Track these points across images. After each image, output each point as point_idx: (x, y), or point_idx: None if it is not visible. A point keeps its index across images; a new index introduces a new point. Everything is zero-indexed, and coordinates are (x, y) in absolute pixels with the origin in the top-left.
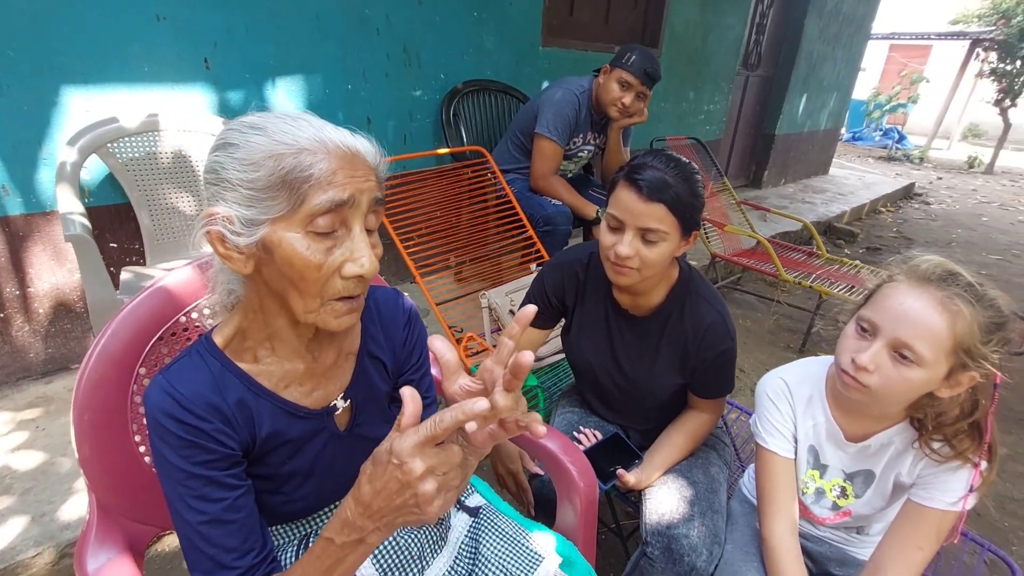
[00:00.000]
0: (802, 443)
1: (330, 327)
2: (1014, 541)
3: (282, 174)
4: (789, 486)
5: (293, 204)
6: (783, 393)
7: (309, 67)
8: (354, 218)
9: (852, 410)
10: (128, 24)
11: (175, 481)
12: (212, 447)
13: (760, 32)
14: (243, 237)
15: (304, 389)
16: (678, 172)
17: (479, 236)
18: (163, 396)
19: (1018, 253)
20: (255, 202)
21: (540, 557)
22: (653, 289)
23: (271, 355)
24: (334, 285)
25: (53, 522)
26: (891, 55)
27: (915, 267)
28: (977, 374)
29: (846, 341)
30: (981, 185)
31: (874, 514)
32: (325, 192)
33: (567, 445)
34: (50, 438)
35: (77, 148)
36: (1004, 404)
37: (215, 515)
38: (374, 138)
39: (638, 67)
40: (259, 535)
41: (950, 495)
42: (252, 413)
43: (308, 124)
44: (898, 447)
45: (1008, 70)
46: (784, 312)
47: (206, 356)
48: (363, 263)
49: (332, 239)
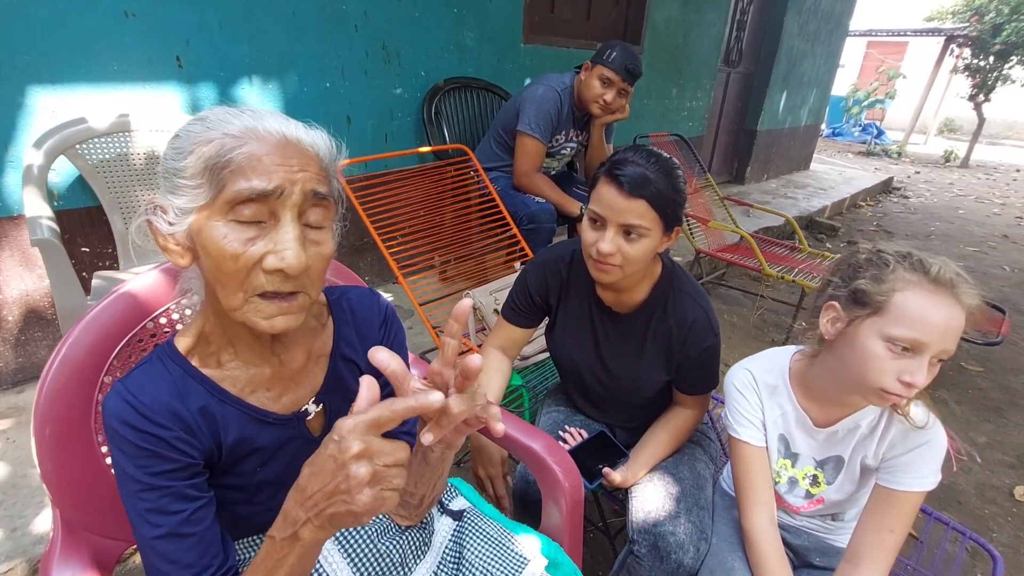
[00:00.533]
0: (771, 432)
1: (260, 328)
2: (994, 528)
3: (204, 160)
4: (764, 475)
5: (215, 191)
6: (750, 384)
7: (286, 65)
8: (283, 209)
9: (820, 395)
10: (95, 21)
11: (132, 493)
12: (171, 456)
13: (741, 29)
14: (174, 226)
15: (271, 394)
16: (659, 168)
17: (463, 235)
18: (120, 403)
19: (994, 245)
20: (185, 190)
21: (525, 560)
22: (636, 286)
23: (235, 359)
24: (256, 279)
25: (25, 536)
26: (869, 52)
27: (929, 273)
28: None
29: (880, 363)
30: (957, 179)
31: (846, 499)
32: (247, 179)
33: (551, 445)
34: (20, 450)
35: (44, 150)
36: (982, 393)
37: (171, 528)
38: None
39: (619, 64)
40: (219, 549)
41: (914, 476)
42: (217, 420)
43: (249, 114)
44: (864, 430)
45: (981, 66)
46: (768, 307)
47: (167, 362)
48: (284, 256)
49: (257, 229)
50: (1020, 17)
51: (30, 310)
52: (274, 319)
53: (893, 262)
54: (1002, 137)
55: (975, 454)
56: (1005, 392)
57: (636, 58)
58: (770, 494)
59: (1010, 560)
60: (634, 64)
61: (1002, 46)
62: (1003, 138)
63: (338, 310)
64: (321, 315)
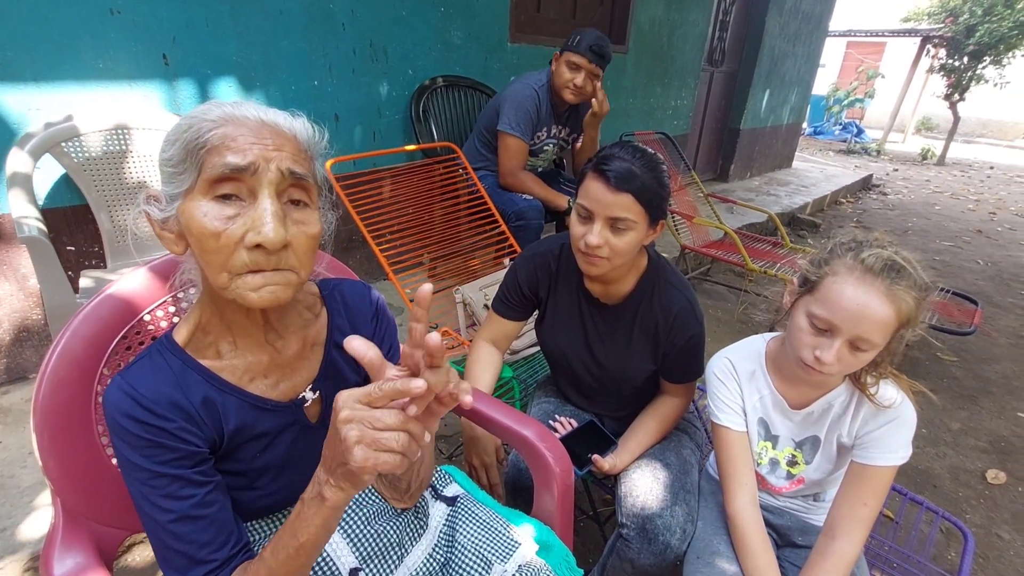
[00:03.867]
0: (751, 416)
1: (250, 302)
2: (967, 510)
3: (184, 144)
4: (745, 459)
5: (195, 174)
6: (728, 371)
7: (273, 63)
8: (260, 187)
9: (793, 380)
10: (80, 18)
11: (140, 481)
12: (176, 446)
13: (723, 29)
14: (164, 213)
15: (269, 381)
16: (644, 163)
17: (452, 232)
18: (121, 397)
19: (968, 239)
20: (172, 178)
21: (517, 543)
22: (623, 278)
23: (233, 349)
24: (239, 257)
25: (15, 536)
26: (848, 52)
27: (860, 261)
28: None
29: (802, 336)
30: (934, 176)
31: (825, 478)
32: (221, 156)
33: (543, 432)
34: (8, 451)
35: (29, 148)
36: (956, 382)
37: (184, 512)
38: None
39: (584, 46)
40: (233, 528)
41: (886, 452)
42: (218, 409)
43: (230, 105)
44: (837, 410)
45: (956, 66)
46: (752, 301)
47: (167, 355)
48: (263, 231)
49: (237, 207)
50: (993, 18)
51: (16, 310)
52: (262, 290)
53: (839, 249)
54: (976, 135)
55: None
56: (978, 381)
57: (602, 39)
58: (751, 476)
59: (982, 539)
60: (599, 45)
61: (975, 47)
62: (977, 136)
63: (331, 301)
64: (315, 306)
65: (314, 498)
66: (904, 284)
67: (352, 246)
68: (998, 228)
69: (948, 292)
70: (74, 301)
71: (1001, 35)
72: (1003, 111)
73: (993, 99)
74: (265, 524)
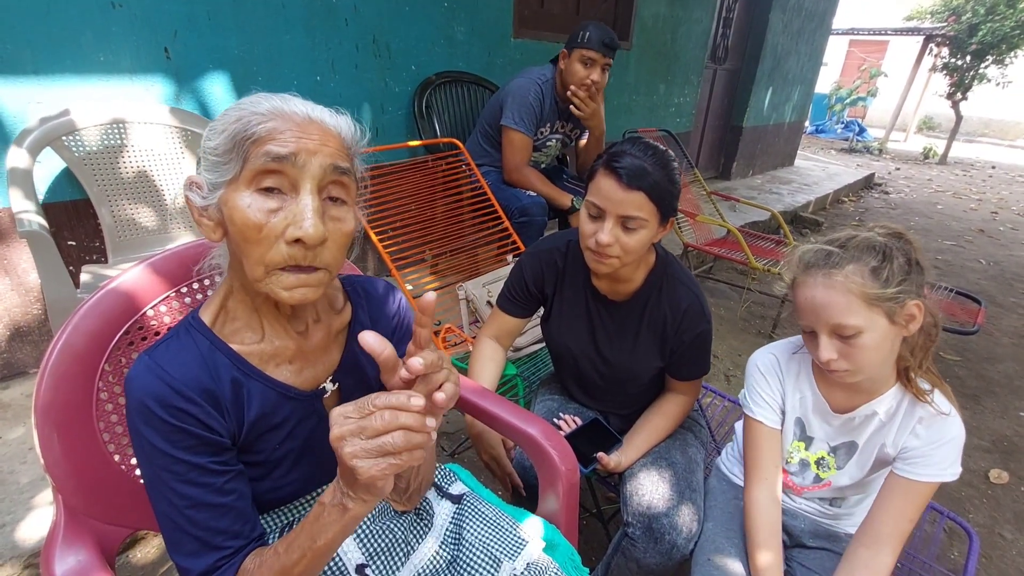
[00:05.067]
0: (789, 415)
1: (281, 299)
2: (969, 509)
3: (232, 135)
4: (774, 455)
5: (240, 164)
6: (773, 367)
7: (275, 58)
8: (302, 180)
9: (838, 383)
10: (80, 11)
11: (160, 466)
12: (200, 433)
13: (727, 26)
14: (206, 200)
15: (294, 368)
16: (656, 159)
17: (455, 229)
18: (151, 378)
19: (970, 239)
20: (217, 166)
21: (524, 541)
22: (632, 275)
23: (259, 335)
24: (278, 251)
25: (15, 534)
26: (851, 50)
27: (799, 261)
28: (916, 304)
29: (808, 347)
30: (936, 175)
31: (852, 485)
32: (267, 147)
33: (548, 430)
34: (7, 447)
35: (29, 142)
36: (959, 382)
37: (202, 499)
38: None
39: (596, 41)
40: (249, 518)
41: (937, 468)
42: (244, 395)
43: (278, 98)
44: (882, 418)
45: (959, 65)
46: (755, 299)
47: (195, 335)
48: (303, 226)
49: (279, 201)
50: (995, 18)
51: (16, 305)
52: (294, 290)
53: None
54: (979, 134)
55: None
56: (981, 380)
57: (610, 32)
58: (776, 472)
59: (984, 539)
60: (610, 37)
61: (978, 46)
62: (980, 135)
63: (355, 296)
64: (338, 300)
65: (336, 507)
66: (837, 266)
67: (355, 242)
68: (1000, 228)
69: (951, 291)
70: (75, 296)
71: (1003, 34)
72: (1005, 110)
73: (995, 98)
74: (271, 518)
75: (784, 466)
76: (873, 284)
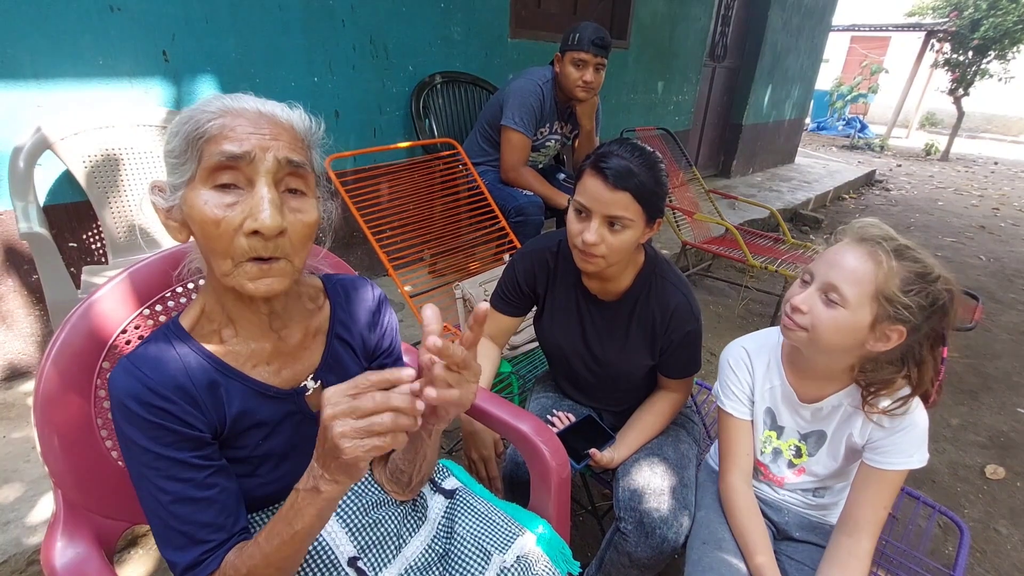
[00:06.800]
0: (759, 405)
1: (248, 291)
2: (965, 505)
3: (185, 136)
4: (745, 444)
5: (196, 163)
6: (743, 360)
7: (273, 60)
8: (257, 174)
9: (804, 372)
10: (79, 15)
11: (143, 463)
12: (179, 429)
13: (726, 24)
14: (168, 202)
15: (272, 368)
16: (643, 161)
17: (452, 228)
18: (128, 379)
19: (971, 236)
20: (176, 168)
21: (514, 535)
22: (621, 274)
23: (235, 336)
24: (239, 244)
25: (19, 529)
26: (852, 46)
27: (856, 228)
28: (903, 328)
29: (790, 293)
30: (937, 172)
31: (830, 475)
32: (219, 145)
33: (539, 426)
34: (12, 445)
35: (30, 145)
36: (956, 378)
37: (185, 493)
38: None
39: (585, 41)
40: (233, 510)
41: (902, 456)
42: (222, 393)
43: (229, 97)
44: (847, 409)
45: (960, 60)
46: (753, 297)
47: (172, 339)
48: (260, 217)
49: (236, 196)
50: (997, 13)
51: (19, 306)
52: (258, 281)
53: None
54: (981, 130)
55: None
56: (979, 376)
57: (599, 30)
58: (748, 460)
59: (980, 534)
60: (599, 36)
61: (980, 41)
62: (982, 131)
63: (334, 294)
64: (317, 297)
65: (310, 490)
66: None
67: (353, 242)
68: (1001, 224)
69: None
70: (76, 297)
71: (1006, 30)
72: (1007, 106)
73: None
74: (260, 517)
75: (759, 456)
76: (892, 286)
